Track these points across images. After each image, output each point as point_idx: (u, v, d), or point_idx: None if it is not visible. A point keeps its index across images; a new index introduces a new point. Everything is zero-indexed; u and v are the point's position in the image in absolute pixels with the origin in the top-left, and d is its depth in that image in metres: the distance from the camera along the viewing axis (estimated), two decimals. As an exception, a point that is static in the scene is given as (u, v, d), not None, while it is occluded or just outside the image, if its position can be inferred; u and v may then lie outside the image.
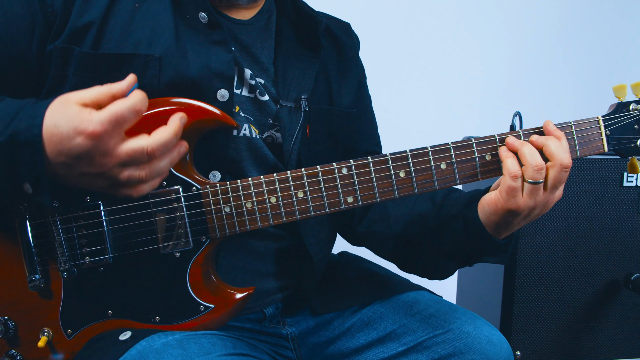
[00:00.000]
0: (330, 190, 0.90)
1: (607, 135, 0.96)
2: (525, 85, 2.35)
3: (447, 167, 0.92)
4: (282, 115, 1.01)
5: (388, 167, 0.91)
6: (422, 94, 2.28)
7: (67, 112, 0.73)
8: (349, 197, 0.91)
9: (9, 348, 0.90)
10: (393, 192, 0.91)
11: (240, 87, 0.99)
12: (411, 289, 1.11)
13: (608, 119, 0.96)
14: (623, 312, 1.57)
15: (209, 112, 0.89)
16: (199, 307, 0.89)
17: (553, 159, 0.87)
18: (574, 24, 2.41)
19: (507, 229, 0.93)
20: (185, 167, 0.89)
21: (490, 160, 0.93)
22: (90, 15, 0.89)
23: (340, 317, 1.08)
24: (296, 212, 0.90)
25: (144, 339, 0.84)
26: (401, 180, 0.91)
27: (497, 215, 0.91)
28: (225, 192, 0.89)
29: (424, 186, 0.92)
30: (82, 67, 0.88)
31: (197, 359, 0.79)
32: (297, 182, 0.90)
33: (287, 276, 1.06)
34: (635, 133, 0.97)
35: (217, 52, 0.94)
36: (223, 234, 0.89)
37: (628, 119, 0.97)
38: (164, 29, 0.91)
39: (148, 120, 0.88)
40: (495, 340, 0.99)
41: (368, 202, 0.91)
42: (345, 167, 0.90)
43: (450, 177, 0.92)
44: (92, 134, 0.72)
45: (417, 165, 0.91)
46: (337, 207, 0.91)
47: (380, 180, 0.91)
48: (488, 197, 0.92)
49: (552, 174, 0.87)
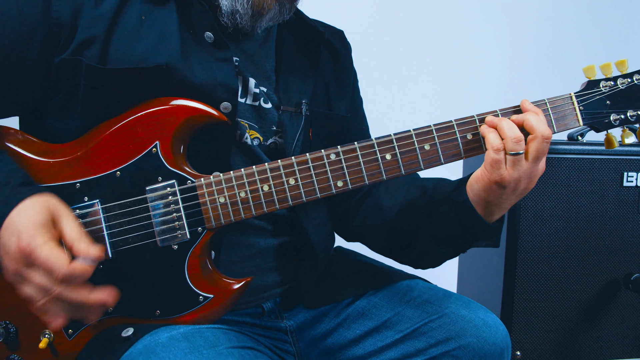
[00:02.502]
0: (321, 175, 0.93)
1: (580, 110, 1.00)
2: (525, 84, 2.37)
3: (431, 147, 0.95)
4: (284, 120, 1.05)
5: (374, 151, 0.94)
6: (421, 93, 2.29)
7: (33, 217, 0.78)
8: (339, 181, 0.94)
9: (10, 352, 0.90)
10: (381, 174, 0.94)
11: (245, 96, 1.02)
12: (405, 278, 1.12)
13: (580, 95, 1.01)
14: (623, 312, 1.57)
15: (200, 109, 0.93)
16: (198, 297, 0.90)
17: (534, 131, 0.91)
18: (573, 21, 2.44)
19: (498, 206, 0.95)
20: (180, 162, 0.93)
21: (472, 139, 0.97)
22: (97, 27, 0.91)
23: (335, 309, 1.09)
24: (289, 199, 0.93)
25: (148, 334, 0.85)
26: (388, 163, 0.95)
27: (485, 191, 0.93)
28: (219, 183, 0.92)
29: (410, 167, 0.95)
30: (91, 79, 0.91)
31: (205, 351, 0.80)
32: (288, 169, 0.93)
33: (286, 271, 1.07)
34: (607, 108, 1.02)
35: (221, 67, 0.97)
36: (219, 223, 0.92)
37: (599, 95, 1.02)
38: (170, 39, 0.94)
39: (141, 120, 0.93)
40: (490, 322, 1.00)
41: (357, 185, 0.94)
42: (333, 153, 0.94)
43: (434, 157, 0.96)
44: (21, 250, 0.77)
45: (402, 148, 0.95)
46: (328, 191, 0.94)
47: (368, 164, 0.94)
48: (474, 174, 0.96)
49: (534, 145, 0.91)
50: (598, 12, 2.47)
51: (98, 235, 0.90)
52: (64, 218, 0.82)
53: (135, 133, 0.92)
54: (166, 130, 0.92)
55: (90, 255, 0.79)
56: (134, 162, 0.92)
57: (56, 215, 0.81)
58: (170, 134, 0.92)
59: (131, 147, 0.92)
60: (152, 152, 0.92)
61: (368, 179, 0.94)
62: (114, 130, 0.92)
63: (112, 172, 0.91)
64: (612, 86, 1.02)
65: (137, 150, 0.92)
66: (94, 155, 0.92)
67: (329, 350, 1.06)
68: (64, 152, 0.93)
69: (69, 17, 0.90)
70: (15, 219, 0.79)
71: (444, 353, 0.98)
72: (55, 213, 0.81)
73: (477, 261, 1.79)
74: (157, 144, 0.92)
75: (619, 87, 1.03)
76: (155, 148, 0.92)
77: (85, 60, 0.90)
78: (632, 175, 1.55)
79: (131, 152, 0.92)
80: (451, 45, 2.34)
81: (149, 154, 0.92)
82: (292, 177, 0.93)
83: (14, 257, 0.78)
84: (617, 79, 1.03)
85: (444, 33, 2.34)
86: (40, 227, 0.78)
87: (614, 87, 1.02)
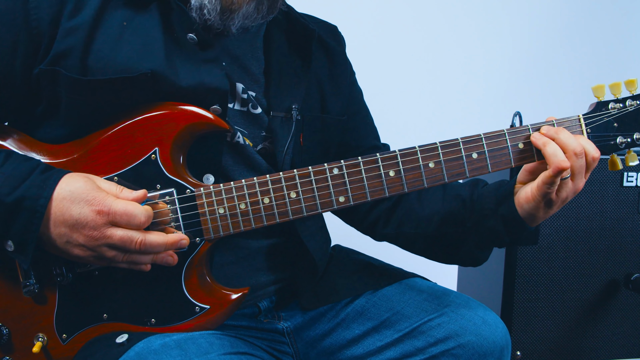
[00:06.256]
0: (322, 190, 0.92)
1: (588, 133, 0.99)
2: (525, 85, 2.37)
3: (436, 165, 0.94)
4: (274, 126, 1.03)
5: (378, 166, 0.93)
6: (422, 94, 2.29)
7: (85, 184, 0.82)
8: (341, 196, 0.93)
9: (3, 355, 0.90)
10: (383, 191, 0.93)
11: (232, 101, 1.00)
12: (404, 277, 1.12)
13: (588, 117, 1.00)
14: (623, 312, 1.58)
15: (201, 116, 0.91)
16: (195, 308, 0.90)
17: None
18: (574, 23, 2.43)
19: (543, 218, 0.99)
20: (179, 170, 0.91)
21: (477, 158, 0.95)
22: (75, 37, 0.87)
23: (333, 309, 1.09)
24: (289, 213, 0.92)
25: (142, 341, 0.85)
26: (391, 180, 0.93)
27: (535, 210, 0.96)
28: (219, 193, 0.90)
29: (413, 185, 0.94)
30: (72, 90, 0.88)
31: (196, 359, 0.80)
32: (290, 182, 0.91)
33: (279, 270, 1.07)
34: (614, 131, 1.01)
35: (209, 69, 0.94)
36: (217, 235, 0.91)
37: (607, 117, 1.01)
38: (154, 45, 0.91)
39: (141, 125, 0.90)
40: (490, 320, 1.01)
41: (359, 202, 0.93)
42: (336, 167, 0.92)
43: (438, 176, 0.94)
44: (100, 212, 0.81)
45: (406, 165, 0.93)
46: (329, 206, 0.92)
47: (371, 180, 0.93)
48: (524, 194, 0.96)
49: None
50: (600, 15, 2.46)
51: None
52: (98, 180, 0.86)
53: (134, 138, 0.90)
54: (166, 136, 0.89)
55: (139, 195, 0.85)
56: (132, 168, 0.90)
57: (93, 179, 0.85)
58: (170, 141, 0.90)
59: (130, 152, 0.90)
60: (151, 158, 0.89)
61: (370, 196, 0.93)
62: (113, 133, 0.90)
63: (109, 177, 0.89)
64: (621, 108, 1.01)
65: (136, 155, 0.90)
66: (91, 158, 0.90)
67: (328, 351, 1.07)
68: (61, 154, 0.91)
69: (47, 25, 0.87)
70: (69, 193, 0.81)
71: (443, 352, 0.99)
72: (91, 177, 0.85)
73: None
74: (156, 150, 0.90)
75: (628, 109, 1.01)
76: (155, 154, 0.90)
77: (64, 71, 0.87)
78: (632, 175, 1.55)
79: (130, 157, 0.90)
80: (452, 49, 2.33)
81: (148, 160, 0.90)
82: (293, 190, 0.92)
83: (94, 225, 0.81)
84: (626, 100, 1.02)
85: (446, 36, 2.33)
86: (98, 189, 0.83)
87: (623, 110, 1.01)
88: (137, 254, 0.85)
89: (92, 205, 0.81)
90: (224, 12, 0.95)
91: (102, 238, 0.82)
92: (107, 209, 0.81)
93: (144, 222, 0.84)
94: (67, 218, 0.81)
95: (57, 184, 0.82)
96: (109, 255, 0.83)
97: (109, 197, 0.82)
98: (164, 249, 0.86)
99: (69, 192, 0.81)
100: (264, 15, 0.99)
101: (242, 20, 0.97)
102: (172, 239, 0.86)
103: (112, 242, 0.82)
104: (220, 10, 0.95)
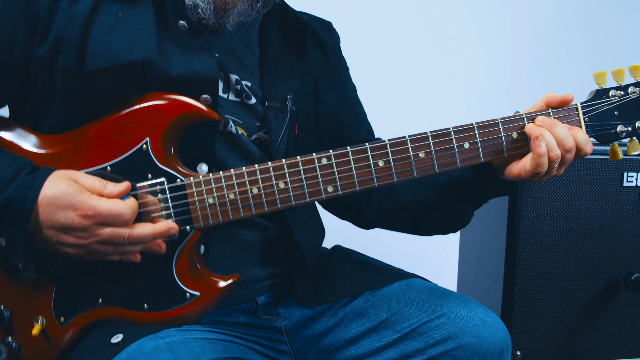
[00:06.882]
0: (311, 180, 0.92)
1: (585, 122, 0.97)
2: (525, 85, 2.35)
3: (426, 155, 0.93)
4: (269, 116, 1.03)
5: (367, 156, 0.93)
6: (422, 92, 2.28)
7: (68, 188, 0.83)
8: (329, 186, 0.93)
9: (5, 336, 0.93)
10: (372, 180, 0.93)
11: (227, 91, 1.01)
12: (403, 277, 1.12)
13: (587, 105, 0.97)
14: (623, 312, 1.56)
15: (191, 106, 0.92)
16: (185, 294, 0.92)
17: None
18: (574, 22, 2.40)
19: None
20: (170, 160, 0.92)
21: (469, 148, 0.94)
22: (73, 27, 0.89)
23: (332, 308, 1.09)
24: (277, 202, 0.92)
25: (135, 343, 0.87)
26: (380, 170, 0.93)
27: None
28: (208, 183, 0.92)
29: (402, 175, 0.93)
30: (67, 80, 0.90)
31: None
32: (278, 172, 0.92)
33: (274, 265, 1.08)
34: (615, 119, 0.98)
35: (200, 57, 0.95)
36: (207, 224, 0.92)
37: (607, 106, 0.98)
38: (146, 35, 0.92)
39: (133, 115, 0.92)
40: (490, 321, 1.00)
41: (348, 191, 0.93)
42: (325, 157, 0.92)
43: (428, 166, 0.94)
44: (85, 215, 0.83)
45: (396, 155, 0.93)
46: (318, 196, 0.93)
47: (360, 170, 0.93)
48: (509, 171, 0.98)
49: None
50: (601, 12, 2.40)
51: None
52: (81, 178, 0.86)
53: (126, 128, 0.91)
54: (157, 127, 0.91)
55: (122, 189, 0.87)
56: (124, 158, 0.91)
57: (76, 179, 0.86)
58: (161, 131, 0.91)
59: (122, 143, 0.92)
60: (143, 148, 0.91)
61: (359, 185, 0.93)
62: (106, 124, 0.92)
63: (102, 167, 0.91)
64: (622, 96, 0.98)
65: (128, 146, 0.91)
66: (85, 148, 0.92)
67: (326, 350, 1.07)
68: (56, 144, 0.93)
69: (46, 9, 0.89)
70: (52, 199, 0.82)
71: (442, 353, 0.98)
72: (74, 178, 0.86)
73: (477, 261, 1.79)
74: (147, 141, 0.91)
75: (630, 96, 0.98)
76: (146, 145, 0.91)
77: (62, 62, 0.89)
78: (632, 175, 1.53)
79: (122, 147, 0.92)
80: (452, 46, 2.30)
81: (140, 150, 0.91)
82: (282, 180, 0.92)
83: (81, 227, 0.83)
84: (628, 87, 0.98)
85: (446, 33, 2.30)
86: (81, 191, 0.84)
87: (624, 97, 0.98)
88: (127, 246, 0.87)
89: (76, 210, 0.83)
90: (218, 11, 0.96)
91: (91, 237, 0.84)
92: (92, 212, 0.83)
93: (130, 219, 0.85)
94: (54, 222, 0.83)
95: (41, 186, 0.83)
96: (99, 250, 0.86)
97: (93, 198, 0.84)
98: (153, 238, 0.87)
99: (52, 198, 0.82)
100: (258, 10, 0.99)
101: (237, 18, 0.98)
102: (159, 229, 0.88)
103: (101, 239, 0.85)
104: (214, 10, 0.96)
